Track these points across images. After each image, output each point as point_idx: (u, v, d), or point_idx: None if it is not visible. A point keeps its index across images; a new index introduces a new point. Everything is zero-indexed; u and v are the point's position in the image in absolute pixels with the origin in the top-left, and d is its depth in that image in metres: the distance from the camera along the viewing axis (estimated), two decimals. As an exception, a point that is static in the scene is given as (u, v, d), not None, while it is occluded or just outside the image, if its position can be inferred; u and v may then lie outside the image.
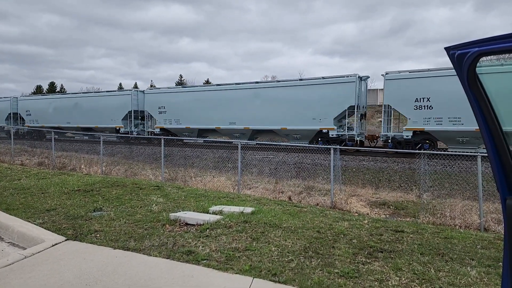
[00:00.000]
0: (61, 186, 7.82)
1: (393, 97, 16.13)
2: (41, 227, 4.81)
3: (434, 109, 15.14)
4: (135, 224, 5.00)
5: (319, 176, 11.88)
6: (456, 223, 6.50)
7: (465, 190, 9.51)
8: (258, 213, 5.64)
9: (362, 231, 4.88)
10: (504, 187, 1.58)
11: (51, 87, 73.33)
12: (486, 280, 3.33)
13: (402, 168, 13.55)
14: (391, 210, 8.48)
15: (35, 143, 23.18)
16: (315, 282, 3.20)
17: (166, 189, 7.77)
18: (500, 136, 1.55)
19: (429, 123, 15.30)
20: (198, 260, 3.72)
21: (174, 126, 22.71)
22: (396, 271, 3.51)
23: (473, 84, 1.54)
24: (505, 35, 1.36)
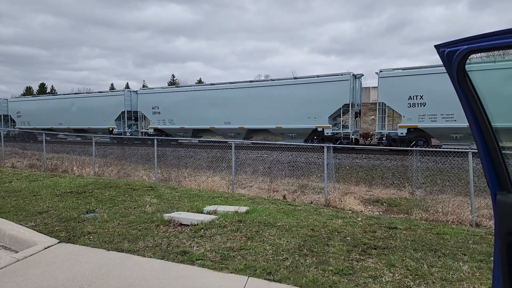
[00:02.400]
0: (53, 188, 7.73)
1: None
2: (33, 229, 4.76)
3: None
4: (128, 225, 4.96)
5: (313, 174, 11.92)
6: (448, 219, 6.58)
7: (457, 186, 9.63)
8: (252, 212, 5.64)
9: (356, 229, 4.92)
10: (494, 182, 1.60)
11: (41, 88, 72.36)
12: (478, 275, 3.38)
13: (395, 165, 13.66)
14: (384, 207, 8.55)
15: (26, 145, 22.90)
16: (310, 280, 3.22)
17: (160, 190, 7.73)
18: (489, 133, 1.57)
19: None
20: (193, 260, 3.71)
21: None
22: (389, 267, 3.54)
23: (462, 81, 1.55)
24: (493, 32, 1.38)
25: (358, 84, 18.10)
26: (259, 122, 19.47)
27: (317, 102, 17.78)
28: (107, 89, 52.63)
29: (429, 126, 15.42)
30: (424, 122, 15.48)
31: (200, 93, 21.69)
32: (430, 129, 15.57)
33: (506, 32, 1.32)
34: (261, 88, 19.89)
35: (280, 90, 19.15)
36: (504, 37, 1.33)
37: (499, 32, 1.35)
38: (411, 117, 15.69)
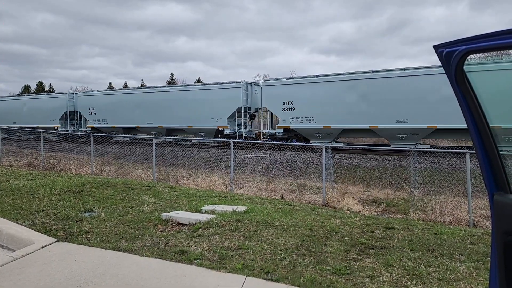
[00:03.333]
0: (51, 187, 7.71)
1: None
2: (30, 228, 4.74)
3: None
4: (126, 225, 4.95)
5: (311, 174, 11.94)
6: (445, 219, 6.60)
7: (454, 186, 9.66)
8: (250, 212, 5.64)
9: (353, 228, 4.93)
10: (491, 183, 1.60)
11: (39, 87, 72.12)
12: (475, 275, 3.39)
13: (392, 165, 13.70)
14: (382, 207, 8.57)
15: (24, 143, 22.95)
16: (308, 280, 3.22)
17: (158, 189, 7.72)
18: (487, 133, 1.57)
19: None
20: (191, 259, 3.71)
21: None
22: (387, 267, 3.55)
23: (460, 82, 1.56)
24: (492, 33, 1.38)
25: (253, 91, 21.29)
26: (175, 122, 22.50)
27: (217, 106, 20.96)
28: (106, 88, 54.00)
29: (298, 127, 18.80)
30: (294, 123, 18.82)
31: (128, 96, 25.13)
32: (299, 129, 18.93)
33: (504, 32, 1.32)
34: (176, 92, 23.01)
35: (191, 94, 22.26)
36: (503, 37, 1.33)
37: (497, 32, 1.36)
38: (285, 120, 19.05)
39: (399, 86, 15.89)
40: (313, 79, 18.61)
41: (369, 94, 16.60)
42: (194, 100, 21.59)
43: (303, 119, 18.34)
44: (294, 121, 18.64)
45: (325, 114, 17.73)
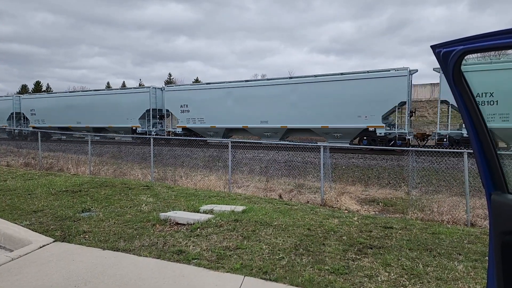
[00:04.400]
0: (49, 187, 7.68)
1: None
2: (28, 228, 4.72)
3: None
4: (124, 225, 4.94)
5: (309, 174, 11.94)
6: (443, 219, 6.62)
7: (452, 186, 9.69)
8: (249, 211, 5.64)
9: (352, 228, 4.93)
10: (489, 182, 1.61)
11: (36, 86, 71.86)
12: (473, 274, 3.40)
13: (391, 165, 13.72)
14: (380, 206, 8.58)
15: (21, 143, 22.98)
16: (306, 279, 3.23)
17: (156, 189, 7.71)
18: (484, 133, 1.58)
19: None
20: (189, 259, 3.70)
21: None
22: (385, 266, 3.55)
23: (458, 81, 1.56)
24: (489, 33, 1.38)
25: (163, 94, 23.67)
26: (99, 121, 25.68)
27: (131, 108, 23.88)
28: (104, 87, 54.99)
29: (193, 126, 21.99)
30: (189, 123, 21.98)
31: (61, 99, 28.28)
32: (193, 128, 21.99)
33: (501, 33, 1.33)
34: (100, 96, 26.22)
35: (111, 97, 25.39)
36: (500, 37, 1.34)
37: (494, 33, 1.36)
38: (182, 120, 22.15)
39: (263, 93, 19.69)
40: (203, 86, 22.51)
41: (242, 100, 20.22)
42: (113, 103, 24.81)
43: (196, 120, 21.82)
44: (189, 121, 21.98)
45: (212, 115, 21.21)
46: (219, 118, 20.85)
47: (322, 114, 17.74)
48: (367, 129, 16.95)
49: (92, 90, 28.70)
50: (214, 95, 21.07)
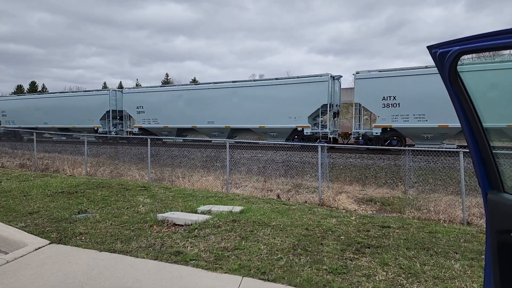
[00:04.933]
0: (44, 188, 7.63)
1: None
2: (23, 230, 4.69)
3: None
4: (121, 226, 4.92)
5: (307, 174, 11.96)
6: (440, 218, 6.65)
7: (448, 185, 9.73)
8: (247, 212, 5.63)
9: (349, 228, 4.94)
10: (485, 181, 1.62)
11: (32, 86, 71.42)
12: (470, 273, 3.42)
13: (388, 164, 13.77)
14: (377, 206, 8.60)
15: (17, 144, 22.96)
16: (304, 279, 3.23)
17: (153, 190, 7.68)
18: (480, 132, 1.58)
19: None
20: (187, 260, 3.69)
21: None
22: (383, 266, 3.56)
23: (454, 82, 1.57)
24: (485, 34, 1.39)
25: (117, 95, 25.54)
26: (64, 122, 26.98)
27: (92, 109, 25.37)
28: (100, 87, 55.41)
29: (148, 126, 23.66)
30: (145, 123, 23.74)
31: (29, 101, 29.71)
32: (149, 128, 23.62)
33: (498, 33, 1.33)
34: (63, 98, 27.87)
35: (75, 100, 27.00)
36: (496, 38, 1.34)
37: (490, 33, 1.37)
38: (139, 120, 23.94)
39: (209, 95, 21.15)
40: (157, 89, 24.44)
41: (191, 102, 21.81)
42: (76, 105, 26.39)
43: (151, 120, 23.41)
44: (145, 121, 23.60)
45: (165, 116, 22.76)
46: (171, 118, 22.52)
47: (259, 115, 19.48)
48: (296, 128, 18.72)
49: (58, 92, 30.99)
50: (166, 97, 22.89)
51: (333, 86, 18.20)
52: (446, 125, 15.15)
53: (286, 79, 20.19)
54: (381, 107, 16.55)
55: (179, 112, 22.04)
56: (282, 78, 20.83)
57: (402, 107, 16.08)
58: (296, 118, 18.44)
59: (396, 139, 17.06)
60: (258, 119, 19.43)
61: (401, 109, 16.10)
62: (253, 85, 20.61)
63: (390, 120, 16.38)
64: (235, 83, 21.33)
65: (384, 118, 16.53)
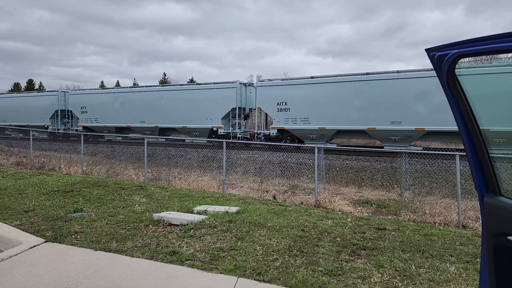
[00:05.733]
0: (40, 186, 7.58)
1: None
2: (18, 228, 4.66)
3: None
4: (117, 225, 4.90)
5: (303, 175, 11.96)
6: (435, 221, 6.67)
7: (444, 188, 9.78)
8: (243, 212, 5.63)
9: (345, 229, 4.95)
10: (481, 185, 1.62)
11: (29, 84, 71.04)
12: (465, 276, 3.43)
13: (384, 167, 13.81)
14: (373, 208, 8.62)
15: (12, 142, 22.80)
16: (300, 281, 3.23)
17: (149, 189, 7.65)
18: (477, 136, 1.59)
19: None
20: (182, 260, 3.68)
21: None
22: (378, 268, 3.57)
23: (452, 85, 1.57)
24: (483, 37, 1.40)
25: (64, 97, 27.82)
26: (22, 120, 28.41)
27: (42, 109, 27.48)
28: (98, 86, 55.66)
29: (91, 125, 25.70)
30: (88, 123, 25.76)
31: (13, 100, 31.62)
32: (92, 126, 25.62)
33: (495, 37, 1.34)
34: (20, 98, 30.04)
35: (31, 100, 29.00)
36: (494, 42, 1.35)
37: (488, 37, 1.37)
38: (83, 120, 26.18)
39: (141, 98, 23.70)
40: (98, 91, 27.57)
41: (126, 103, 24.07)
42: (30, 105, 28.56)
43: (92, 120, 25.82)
44: (88, 121, 26.15)
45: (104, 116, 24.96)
46: (110, 118, 24.75)
47: (183, 116, 21.85)
48: (212, 128, 21.17)
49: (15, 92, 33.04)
50: (106, 99, 25.29)
51: (245, 92, 21.13)
52: (324, 127, 17.85)
53: (204, 85, 22.95)
54: (276, 111, 19.02)
55: (116, 113, 24.50)
56: (201, 83, 24.01)
57: (292, 112, 18.51)
58: (211, 120, 20.98)
59: (289, 138, 19.65)
60: (182, 119, 21.91)
61: (291, 113, 18.53)
62: (177, 89, 23.40)
63: (283, 122, 18.82)
64: (163, 87, 25.13)
65: (279, 121, 19.05)
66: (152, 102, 23.08)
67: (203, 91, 21.77)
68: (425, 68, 15.91)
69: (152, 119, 23.01)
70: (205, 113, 21.02)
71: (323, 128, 17.86)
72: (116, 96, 24.96)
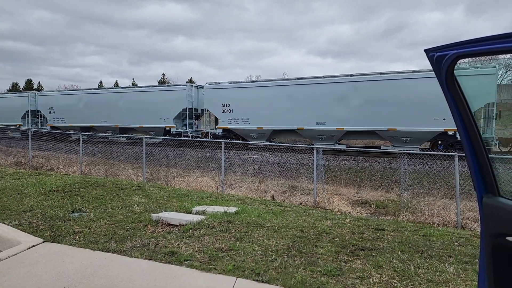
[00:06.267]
0: (38, 186, 7.57)
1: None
2: (17, 228, 4.64)
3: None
4: (115, 225, 4.89)
5: (302, 175, 11.96)
6: (434, 221, 6.68)
7: (442, 189, 9.79)
8: (241, 212, 5.62)
9: (344, 230, 4.95)
10: (480, 185, 1.62)
11: (27, 84, 70.88)
12: (463, 277, 3.44)
13: (383, 167, 13.82)
14: (372, 208, 8.63)
15: (11, 142, 22.79)
16: (298, 281, 3.22)
17: (148, 189, 7.64)
18: (476, 136, 1.59)
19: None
20: (181, 260, 3.67)
21: None
22: (377, 268, 3.57)
23: (451, 86, 1.57)
24: (481, 38, 1.40)
25: None
26: None
27: (15, 109, 29.02)
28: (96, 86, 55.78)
29: (58, 125, 27.02)
30: (55, 122, 27.14)
31: None
32: (58, 126, 26.91)
33: (495, 38, 1.34)
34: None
35: None
36: (493, 42, 1.35)
37: (487, 37, 1.37)
38: (50, 120, 27.37)
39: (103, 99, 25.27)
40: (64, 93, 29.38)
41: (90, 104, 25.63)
42: (4, 105, 29.40)
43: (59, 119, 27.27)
44: (55, 120, 27.20)
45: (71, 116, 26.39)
46: (75, 118, 26.25)
47: (140, 116, 23.28)
48: (165, 128, 22.42)
49: None
50: (71, 100, 26.85)
51: (197, 94, 22.43)
52: (261, 127, 19.16)
53: (157, 87, 25.22)
54: (221, 112, 20.31)
55: (81, 113, 25.99)
56: (156, 86, 26.40)
57: (234, 113, 19.90)
58: (165, 120, 22.34)
59: (234, 137, 20.56)
60: (139, 119, 23.41)
61: (234, 114, 19.91)
62: (134, 91, 24.96)
63: (227, 122, 20.12)
64: (122, 89, 26.71)
65: (224, 121, 20.28)
66: (112, 103, 24.76)
67: (157, 93, 23.48)
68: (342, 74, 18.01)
69: (112, 119, 24.68)
70: (159, 114, 22.51)
71: (261, 128, 19.39)
72: (81, 97, 26.68)
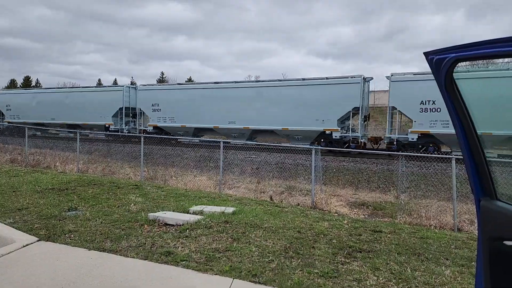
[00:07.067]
0: (34, 184, 7.52)
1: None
2: (11, 227, 4.61)
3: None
4: (112, 224, 4.86)
5: (300, 176, 11.96)
6: (431, 224, 6.69)
7: (439, 191, 9.81)
8: (239, 213, 5.61)
9: (341, 231, 4.95)
10: (478, 188, 1.62)
11: (26, 81, 70.61)
12: (460, 279, 3.44)
13: (380, 169, 13.84)
14: (369, 210, 8.64)
15: (8, 139, 22.73)
16: (295, 283, 3.21)
17: (145, 188, 7.62)
18: (474, 139, 1.59)
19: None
20: (177, 261, 3.65)
21: None
22: (374, 270, 3.56)
23: (450, 89, 1.57)
24: (481, 42, 1.39)
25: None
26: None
27: None
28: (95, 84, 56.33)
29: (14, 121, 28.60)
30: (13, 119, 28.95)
31: None
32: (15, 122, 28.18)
33: (494, 41, 1.34)
34: None
35: None
36: (492, 46, 1.35)
37: (487, 41, 1.37)
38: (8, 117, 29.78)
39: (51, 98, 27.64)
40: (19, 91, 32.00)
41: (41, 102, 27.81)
42: None
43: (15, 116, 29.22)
44: (11, 117, 29.30)
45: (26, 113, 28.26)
46: (29, 115, 28.12)
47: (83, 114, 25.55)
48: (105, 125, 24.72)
49: None
50: (25, 98, 28.91)
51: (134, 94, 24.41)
52: (185, 125, 21.53)
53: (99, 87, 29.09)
54: (151, 111, 22.85)
55: (33, 111, 28.01)
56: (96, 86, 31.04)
57: (162, 112, 22.31)
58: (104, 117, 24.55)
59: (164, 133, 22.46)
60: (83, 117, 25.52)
61: (162, 113, 22.36)
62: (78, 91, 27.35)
63: (156, 120, 22.67)
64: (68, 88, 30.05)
65: (153, 119, 22.77)
66: (61, 102, 26.92)
67: (98, 93, 25.89)
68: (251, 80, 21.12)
69: (60, 116, 26.84)
70: (98, 112, 24.67)
71: (185, 126, 21.67)
72: (34, 95, 28.79)
